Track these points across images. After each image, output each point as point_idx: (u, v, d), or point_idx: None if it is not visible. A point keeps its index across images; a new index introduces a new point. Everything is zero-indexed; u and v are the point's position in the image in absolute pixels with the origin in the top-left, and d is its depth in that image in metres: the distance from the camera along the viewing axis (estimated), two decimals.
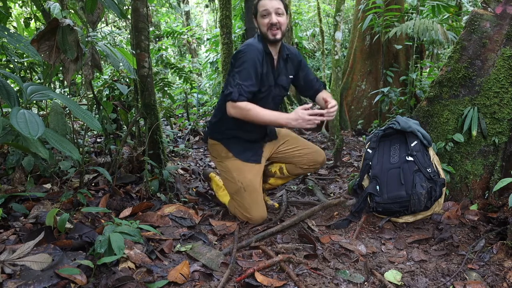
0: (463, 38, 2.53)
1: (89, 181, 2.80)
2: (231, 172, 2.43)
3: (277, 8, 2.17)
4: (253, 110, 2.13)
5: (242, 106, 2.12)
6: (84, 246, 1.82)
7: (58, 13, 2.52)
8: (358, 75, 5.63)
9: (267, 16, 2.18)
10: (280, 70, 2.38)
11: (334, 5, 6.93)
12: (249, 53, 2.16)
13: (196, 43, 11.07)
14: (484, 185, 2.45)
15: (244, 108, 2.12)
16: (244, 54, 2.16)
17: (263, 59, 2.23)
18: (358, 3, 5.68)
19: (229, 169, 2.43)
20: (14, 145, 1.75)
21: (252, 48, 2.18)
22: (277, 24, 2.18)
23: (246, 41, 2.27)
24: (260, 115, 2.12)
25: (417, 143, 2.41)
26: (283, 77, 2.40)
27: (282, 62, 2.38)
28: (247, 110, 2.12)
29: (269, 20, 2.17)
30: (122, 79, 3.83)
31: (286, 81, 2.43)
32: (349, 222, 2.43)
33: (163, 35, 8.70)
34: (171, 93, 5.46)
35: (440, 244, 2.11)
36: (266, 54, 2.26)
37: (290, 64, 2.44)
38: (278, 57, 2.35)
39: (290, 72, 2.45)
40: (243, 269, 1.89)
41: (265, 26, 2.19)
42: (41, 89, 1.79)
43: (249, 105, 2.13)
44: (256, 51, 2.18)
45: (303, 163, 2.58)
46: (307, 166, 2.60)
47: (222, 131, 2.44)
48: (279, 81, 2.38)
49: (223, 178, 2.53)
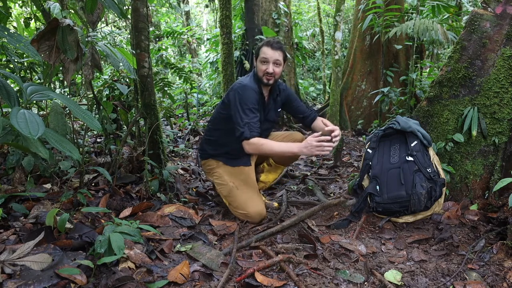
0: (463, 38, 2.53)
1: (89, 181, 2.80)
2: (222, 176, 2.57)
3: (276, 59, 2.38)
4: (266, 144, 2.30)
5: (255, 142, 2.30)
6: (84, 246, 1.82)
7: (58, 13, 2.52)
8: (358, 75, 5.63)
9: (265, 63, 2.38)
10: (270, 107, 2.58)
11: (334, 5, 6.94)
12: (248, 94, 2.36)
13: (196, 43, 11.07)
14: (484, 185, 2.45)
15: (258, 143, 2.30)
16: (242, 95, 2.35)
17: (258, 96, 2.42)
18: (358, 3, 5.68)
19: (221, 174, 2.58)
20: (14, 145, 1.75)
21: (249, 88, 2.38)
22: (273, 73, 2.39)
23: (242, 81, 2.46)
24: (274, 148, 2.29)
25: (417, 143, 2.41)
26: (272, 112, 2.61)
27: (272, 100, 2.58)
28: (261, 145, 2.29)
29: (266, 68, 2.38)
30: (122, 79, 3.83)
31: (275, 115, 2.65)
32: (349, 222, 2.43)
33: (163, 35, 8.70)
34: (171, 93, 5.46)
35: (440, 244, 2.11)
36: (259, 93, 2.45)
37: (278, 99, 2.64)
38: (268, 96, 2.56)
39: (278, 106, 2.66)
40: (243, 269, 1.89)
41: (261, 72, 2.40)
42: (41, 89, 1.79)
43: (261, 140, 2.31)
44: (253, 91, 2.38)
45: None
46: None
47: (213, 151, 2.62)
48: (269, 117, 2.59)
49: (217, 184, 2.64)
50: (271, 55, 2.36)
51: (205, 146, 2.66)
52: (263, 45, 2.40)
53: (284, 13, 6.93)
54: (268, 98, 2.56)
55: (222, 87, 4.86)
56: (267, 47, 2.38)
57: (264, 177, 2.85)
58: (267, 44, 2.39)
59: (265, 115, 2.55)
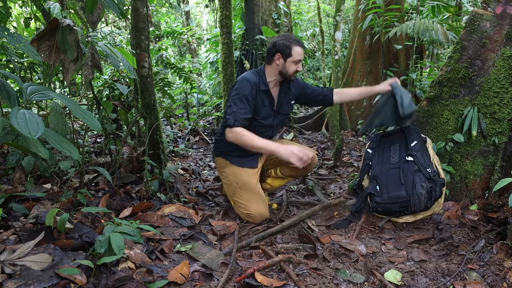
0: (463, 38, 2.53)
1: (89, 181, 2.80)
2: (229, 176, 2.59)
3: (303, 57, 2.41)
4: (247, 136, 2.27)
5: (237, 132, 2.28)
6: (84, 246, 1.82)
7: (58, 13, 2.52)
8: (358, 75, 5.63)
9: (298, 63, 2.40)
10: (282, 101, 2.58)
11: (334, 5, 6.94)
12: (243, 85, 2.37)
13: (196, 43, 11.07)
14: (484, 185, 2.45)
15: (239, 133, 2.28)
16: (238, 87, 2.37)
17: (257, 93, 2.42)
18: (358, 3, 5.68)
19: (227, 174, 2.60)
20: (14, 145, 1.75)
21: (246, 81, 2.38)
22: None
23: (245, 74, 2.46)
24: (253, 141, 2.27)
25: (417, 143, 2.41)
26: (285, 106, 2.61)
27: (283, 94, 2.58)
28: (242, 136, 2.27)
29: (297, 68, 2.41)
30: (122, 79, 3.83)
31: (288, 107, 2.65)
32: (349, 222, 2.43)
33: (163, 35, 8.70)
34: (171, 93, 5.46)
35: (440, 244, 2.11)
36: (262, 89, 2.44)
37: (292, 91, 2.62)
38: (279, 90, 2.56)
39: (291, 98, 2.64)
40: (243, 269, 1.89)
41: (292, 71, 2.41)
42: (41, 89, 1.79)
43: (244, 131, 2.28)
44: (249, 84, 2.37)
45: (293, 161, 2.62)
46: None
47: (224, 148, 2.61)
48: (282, 111, 2.60)
49: (224, 184, 2.68)
50: (302, 53, 2.39)
51: (217, 144, 2.67)
52: (294, 45, 2.37)
53: (284, 13, 6.93)
54: (279, 92, 2.56)
55: (222, 87, 4.85)
56: (300, 47, 2.38)
57: (270, 181, 2.86)
58: (298, 44, 2.38)
59: (278, 109, 2.56)
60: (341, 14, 4.30)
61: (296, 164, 2.15)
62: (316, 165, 2.98)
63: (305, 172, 2.76)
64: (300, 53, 2.38)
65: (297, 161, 2.14)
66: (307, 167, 2.66)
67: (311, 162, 2.65)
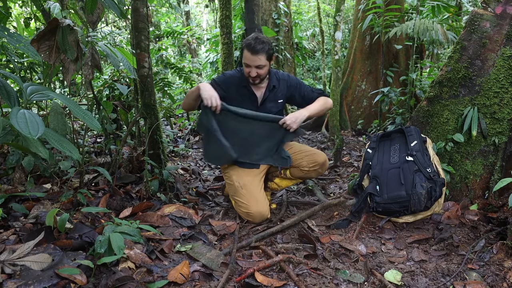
0: (463, 38, 2.53)
1: (89, 181, 2.80)
2: (231, 176, 2.59)
3: (257, 64, 2.34)
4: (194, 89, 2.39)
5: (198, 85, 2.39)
6: (84, 246, 1.81)
7: (58, 13, 2.52)
8: (358, 75, 5.63)
9: (248, 67, 2.38)
10: (266, 98, 2.56)
11: (334, 5, 6.94)
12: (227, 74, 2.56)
13: (196, 43, 11.06)
14: (484, 185, 2.45)
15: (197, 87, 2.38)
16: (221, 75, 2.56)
17: (237, 87, 2.50)
18: (358, 3, 5.68)
19: (230, 175, 2.61)
20: (14, 145, 1.75)
21: (223, 74, 2.57)
22: (256, 76, 2.39)
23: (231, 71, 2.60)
24: (189, 92, 2.46)
25: (417, 143, 2.41)
26: (271, 103, 2.59)
27: (268, 92, 2.56)
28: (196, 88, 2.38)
29: (249, 72, 2.38)
30: (122, 79, 3.83)
31: (274, 106, 2.60)
32: (349, 222, 2.43)
33: (163, 35, 8.70)
34: (171, 93, 5.46)
35: (440, 244, 2.11)
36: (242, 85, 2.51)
37: (280, 89, 2.59)
38: (265, 88, 2.55)
39: (280, 98, 2.61)
40: (243, 269, 1.88)
41: (246, 73, 2.43)
42: (41, 89, 1.79)
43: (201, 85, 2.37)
44: (223, 76, 2.53)
45: (304, 165, 2.63)
46: (308, 168, 2.63)
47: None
48: (265, 107, 2.57)
49: (227, 183, 2.68)
50: (252, 60, 2.31)
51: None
52: (245, 47, 2.34)
53: (284, 13, 6.94)
54: (265, 90, 2.54)
55: None
56: (247, 52, 2.31)
57: (278, 180, 2.83)
58: (248, 48, 2.31)
59: (261, 105, 2.55)
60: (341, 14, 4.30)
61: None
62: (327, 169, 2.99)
63: (316, 174, 2.71)
64: (247, 57, 2.32)
65: (206, 100, 2.29)
66: (318, 170, 2.65)
67: (322, 165, 2.64)
